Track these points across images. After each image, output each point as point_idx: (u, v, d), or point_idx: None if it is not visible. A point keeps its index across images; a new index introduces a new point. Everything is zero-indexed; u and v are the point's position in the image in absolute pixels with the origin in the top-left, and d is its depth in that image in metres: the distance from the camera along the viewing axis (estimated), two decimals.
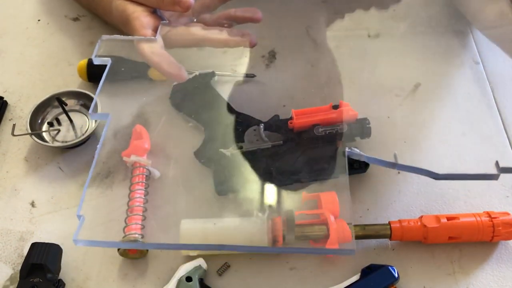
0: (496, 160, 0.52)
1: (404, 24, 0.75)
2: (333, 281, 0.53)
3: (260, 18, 0.63)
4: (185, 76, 0.59)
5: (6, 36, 0.77)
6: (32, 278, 0.52)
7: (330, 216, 0.54)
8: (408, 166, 0.53)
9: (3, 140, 0.66)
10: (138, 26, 0.60)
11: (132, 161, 0.60)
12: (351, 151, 0.55)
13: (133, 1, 0.62)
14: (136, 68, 0.68)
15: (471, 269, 0.54)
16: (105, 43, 0.61)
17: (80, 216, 0.52)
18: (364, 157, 0.54)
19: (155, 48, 0.58)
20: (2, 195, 0.61)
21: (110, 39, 0.60)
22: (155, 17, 0.62)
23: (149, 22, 0.61)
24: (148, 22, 0.60)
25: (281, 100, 0.67)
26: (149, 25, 0.60)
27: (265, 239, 0.53)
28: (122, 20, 0.62)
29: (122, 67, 0.67)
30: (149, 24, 0.60)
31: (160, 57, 0.58)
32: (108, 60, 0.60)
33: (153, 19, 0.61)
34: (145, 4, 0.62)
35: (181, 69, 0.58)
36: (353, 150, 0.54)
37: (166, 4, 0.60)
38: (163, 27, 0.61)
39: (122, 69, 0.67)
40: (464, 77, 0.70)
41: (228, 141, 0.60)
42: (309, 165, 0.58)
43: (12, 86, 0.71)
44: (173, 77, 0.58)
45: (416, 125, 0.65)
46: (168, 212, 0.58)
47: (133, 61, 0.68)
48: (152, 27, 0.61)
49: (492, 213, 0.55)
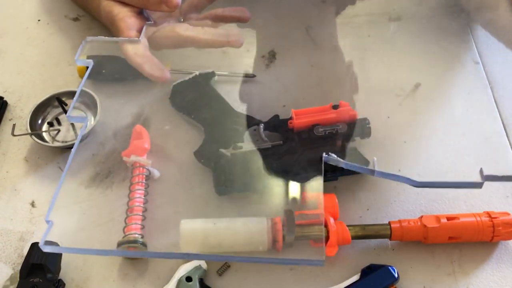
0: (481, 168, 0.51)
1: (404, 24, 0.75)
2: (333, 281, 0.53)
3: (248, 18, 0.63)
4: (168, 77, 0.59)
5: (6, 36, 0.77)
6: (32, 278, 0.52)
7: (330, 218, 0.54)
8: (386, 173, 0.52)
9: (3, 140, 0.66)
10: (123, 27, 0.60)
11: (132, 161, 0.60)
12: (328, 157, 0.54)
13: (119, 1, 0.62)
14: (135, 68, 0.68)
15: (471, 269, 0.54)
16: (96, 43, 0.61)
17: (48, 221, 0.50)
18: (343, 163, 0.54)
19: (138, 50, 0.59)
20: (2, 195, 0.61)
21: (94, 40, 0.61)
22: (141, 18, 0.62)
23: (134, 23, 0.61)
24: (133, 23, 0.61)
25: (281, 100, 0.67)
26: (134, 26, 0.61)
27: (265, 239, 0.53)
28: (109, 21, 0.62)
29: (122, 67, 0.67)
30: (134, 25, 0.61)
31: (143, 58, 0.59)
32: (90, 62, 0.60)
33: (139, 20, 0.62)
34: (131, 4, 0.62)
35: (164, 71, 0.59)
36: (331, 156, 0.54)
37: (152, 4, 0.60)
38: (148, 28, 0.61)
39: (121, 69, 0.67)
40: (464, 77, 0.70)
41: (228, 141, 0.60)
42: (309, 165, 0.58)
43: (12, 86, 0.71)
44: (155, 79, 0.59)
45: (416, 125, 0.65)
46: (168, 212, 0.58)
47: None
48: (137, 28, 0.61)
49: (492, 213, 0.55)
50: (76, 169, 0.62)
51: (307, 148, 0.59)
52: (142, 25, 0.61)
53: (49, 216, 0.51)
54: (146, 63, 0.58)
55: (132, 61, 0.59)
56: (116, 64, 0.67)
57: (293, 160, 0.58)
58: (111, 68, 0.65)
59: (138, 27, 0.61)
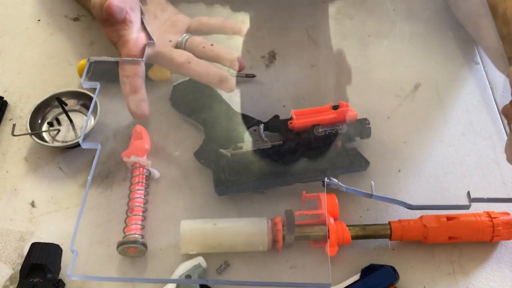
0: (468, 191, 0.53)
1: (405, 24, 0.75)
2: (333, 281, 0.53)
3: (243, 33, 0.64)
4: (145, 113, 0.59)
5: (6, 36, 0.77)
6: (32, 278, 0.52)
7: (330, 218, 0.54)
8: (384, 197, 0.54)
9: (3, 140, 0.66)
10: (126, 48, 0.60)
11: (132, 162, 0.60)
12: (330, 182, 0.54)
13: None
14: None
15: (471, 269, 0.54)
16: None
17: (73, 251, 0.50)
18: (344, 188, 0.54)
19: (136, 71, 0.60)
20: (2, 195, 0.61)
21: (98, 60, 0.61)
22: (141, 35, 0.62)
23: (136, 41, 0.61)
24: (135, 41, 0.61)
25: (281, 100, 0.67)
26: (136, 45, 0.61)
27: (265, 240, 0.53)
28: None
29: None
30: (136, 44, 0.61)
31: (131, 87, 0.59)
32: (97, 84, 0.59)
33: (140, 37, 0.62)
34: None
35: (142, 108, 0.59)
36: (332, 181, 0.54)
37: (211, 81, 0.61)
38: (149, 47, 0.61)
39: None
40: (464, 77, 0.70)
41: (228, 141, 0.60)
42: (309, 165, 0.58)
43: (12, 86, 0.71)
44: (133, 115, 0.59)
45: (416, 125, 0.65)
46: (168, 212, 0.59)
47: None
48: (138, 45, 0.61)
49: (492, 213, 0.55)
50: (76, 169, 0.63)
51: (307, 148, 0.59)
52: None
53: (73, 246, 0.50)
54: (130, 95, 0.59)
55: (122, 85, 0.60)
56: (116, 64, 0.67)
57: (293, 160, 0.58)
58: (112, 68, 0.65)
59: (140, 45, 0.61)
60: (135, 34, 0.61)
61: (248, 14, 0.76)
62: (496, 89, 0.68)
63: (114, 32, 0.60)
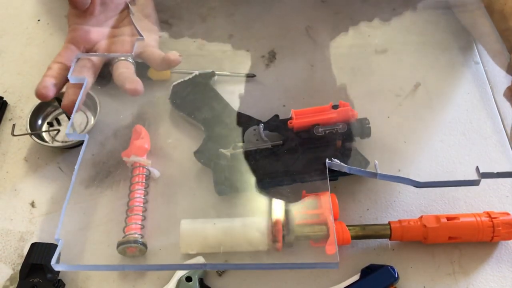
0: (477, 166, 0.52)
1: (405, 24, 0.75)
2: (333, 281, 0.53)
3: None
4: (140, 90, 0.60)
5: (6, 36, 0.77)
6: (32, 278, 0.52)
7: (330, 216, 0.54)
8: (389, 175, 0.53)
9: (3, 140, 0.66)
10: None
11: (132, 161, 0.60)
12: (331, 162, 0.54)
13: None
14: (136, 68, 0.68)
15: (471, 269, 0.54)
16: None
17: (58, 239, 0.50)
18: (346, 168, 0.54)
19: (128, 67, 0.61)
20: (2, 195, 0.61)
21: (85, 57, 0.61)
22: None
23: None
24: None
25: (281, 100, 0.67)
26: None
27: (265, 239, 0.53)
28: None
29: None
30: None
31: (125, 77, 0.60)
32: (84, 78, 0.59)
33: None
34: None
35: (137, 83, 0.60)
36: (334, 161, 0.54)
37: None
38: (139, 43, 0.62)
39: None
40: (464, 77, 0.70)
41: (228, 141, 0.60)
42: (309, 165, 0.58)
43: (12, 86, 0.71)
44: (129, 91, 0.59)
45: (416, 125, 0.65)
46: (168, 212, 0.58)
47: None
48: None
49: (492, 213, 0.55)
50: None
51: (307, 148, 0.59)
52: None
53: (59, 235, 0.50)
54: (126, 78, 0.60)
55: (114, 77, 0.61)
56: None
57: (293, 160, 0.58)
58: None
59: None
60: (88, 27, 0.62)
61: (248, 14, 0.76)
62: (496, 88, 0.68)
63: (72, 16, 0.63)
